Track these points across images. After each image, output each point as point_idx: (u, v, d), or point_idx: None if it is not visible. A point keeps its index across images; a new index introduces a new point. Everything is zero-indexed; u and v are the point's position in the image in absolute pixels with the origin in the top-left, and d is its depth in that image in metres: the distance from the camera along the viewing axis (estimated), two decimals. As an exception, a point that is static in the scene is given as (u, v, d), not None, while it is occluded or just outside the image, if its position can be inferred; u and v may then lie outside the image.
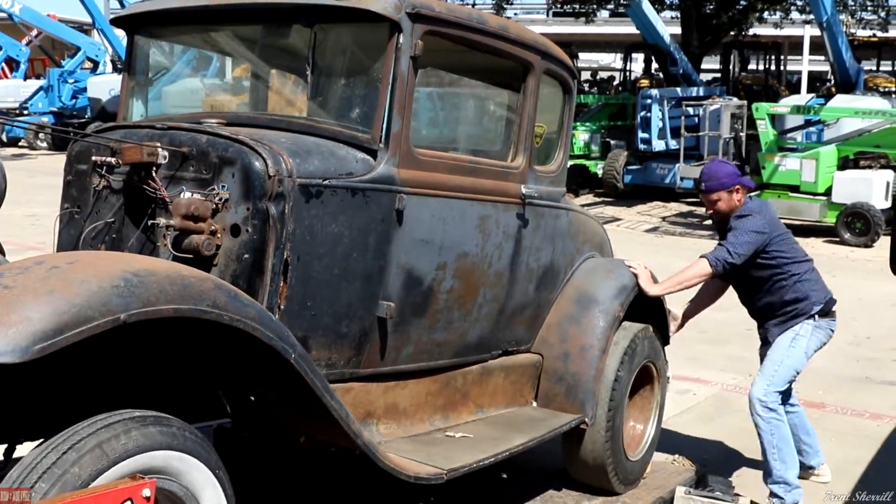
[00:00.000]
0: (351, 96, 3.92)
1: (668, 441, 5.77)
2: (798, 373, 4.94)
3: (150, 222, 3.33)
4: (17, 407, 3.04)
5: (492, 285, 4.11)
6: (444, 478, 3.49)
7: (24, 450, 3.18)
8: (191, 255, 3.19)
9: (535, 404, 4.51)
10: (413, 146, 3.66)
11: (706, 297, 5.27)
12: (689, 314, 5.25)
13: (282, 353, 2.91)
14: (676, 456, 5.51)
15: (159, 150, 3.28)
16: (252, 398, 3.40)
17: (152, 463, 2.64)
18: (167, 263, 2.93)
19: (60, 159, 4.03)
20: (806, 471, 5.21)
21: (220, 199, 3.25)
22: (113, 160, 3.42)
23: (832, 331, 4.99)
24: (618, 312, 4.59)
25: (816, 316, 4.88)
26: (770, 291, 4.87)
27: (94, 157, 3.51)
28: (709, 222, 16.40)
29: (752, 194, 15.57)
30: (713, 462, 5.57)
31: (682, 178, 17.56)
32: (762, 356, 5.03)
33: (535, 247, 4.34)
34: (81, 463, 2.46)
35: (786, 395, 4.96)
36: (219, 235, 3.25)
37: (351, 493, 4.54)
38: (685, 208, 18.48)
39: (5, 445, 3.27)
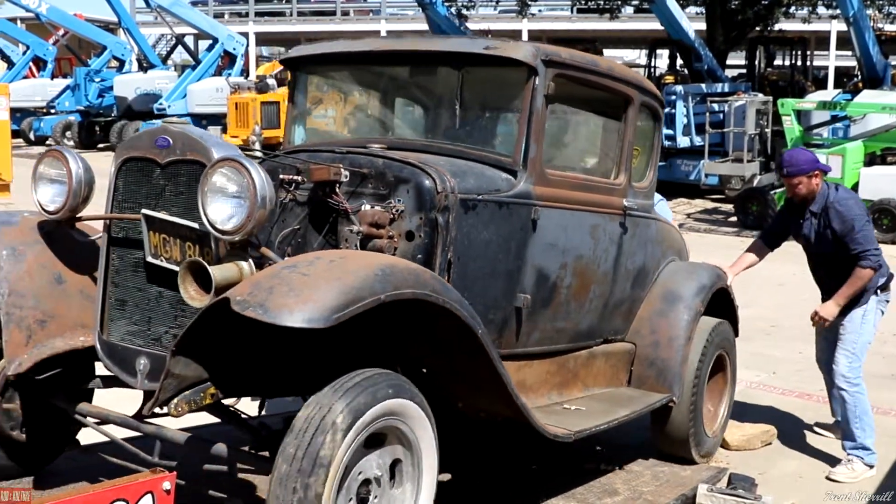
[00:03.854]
0: (494, 127, 4.72)
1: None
2: (870, 344, 5.56)
3: (341, 229, 3.96)
4: (271, 368, 3.70)
5: (599, 283, 4.83)
6: (572, 437, 4.22)
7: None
8: None
9: (628, 386, 5.21)
10: (544, 167, 4.37)
11: (755, 254, 5.90)
12: (740, 268, 5.86)
13: (472, 329, 3.61)
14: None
15: (342, 170, 3.91)
16: (424, 371, 3.95)
17: (396, 408, 3.38)
18: (401, 260, 3.72)
19: (87, 157, 4.09)
20: (832, 427, 5.96)
21: (397, 211, 3.96)
22: (299, 178, 4.08)
23: (888, 301, 5.59)
24: (699, 308, 5.27)
25: (879, 290, 5.49)
26: (847, 267, 5.38)
27: (281, 175, 4.12)
28: (733, 219, 16.38)
29: (777, 190, 15.54)
30: (737, 459, 5.56)
31: (706, 175, 17.49)
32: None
33: (631, 251, 5.06)
34: (351, 406, 3.19)
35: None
36: (395, 240, 3.94)
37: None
38: (710, 205, 18.42)
39: (259, 399, 4.09)
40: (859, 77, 21.16)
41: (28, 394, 4.02)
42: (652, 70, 30.60)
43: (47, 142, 29.53)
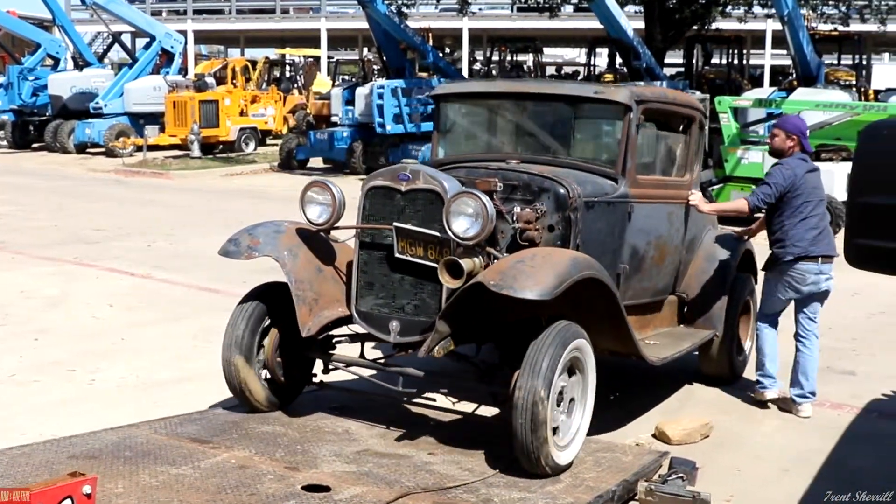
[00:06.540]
0: (599, 147, 6.49)
1: (635, 423, 5.84)
2: (778, 309, 6.59)
3: (497, 225, 5.20)
4: (487, 325, 5.33)
5: (670, 253, 6.52)
6: (658, 362, 5.87)
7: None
8: (527, 244, 5.32)
9: (681, 326, 6.83)
10: (636, 174, 5.96)
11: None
12: (755, 232, 7.10)
13: (615, 294, 5.30)
14: (641, 437, 5.57)
15: (498, 182, 5.38)
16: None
17: (580, 345, 4.97)
18: (579, 253, 5.31)
19: (21, 157, 4.03)
20: (791, 404, 6.50)
21: (541, 212, 5.45)
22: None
23: (801, 275, 6.32)
24: (733, 266, 6.88)
25: (779, 264, 6.34)
26: (772, 224, 6.42)
27: None
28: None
29: (715, 186, 15.72)
30: (677, 454, 5.60)
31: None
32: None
33: (689, 228, 6.72)
34: (557, 345, 4.77)
35: (772, 321, 6.66)
36: (540, 232, 5.42)
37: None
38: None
39: (473, 344, 5.54)
40: (794, 75, 21.50)
41: (288, 349, 5.58)
42: (591, 69, 30.83)
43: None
